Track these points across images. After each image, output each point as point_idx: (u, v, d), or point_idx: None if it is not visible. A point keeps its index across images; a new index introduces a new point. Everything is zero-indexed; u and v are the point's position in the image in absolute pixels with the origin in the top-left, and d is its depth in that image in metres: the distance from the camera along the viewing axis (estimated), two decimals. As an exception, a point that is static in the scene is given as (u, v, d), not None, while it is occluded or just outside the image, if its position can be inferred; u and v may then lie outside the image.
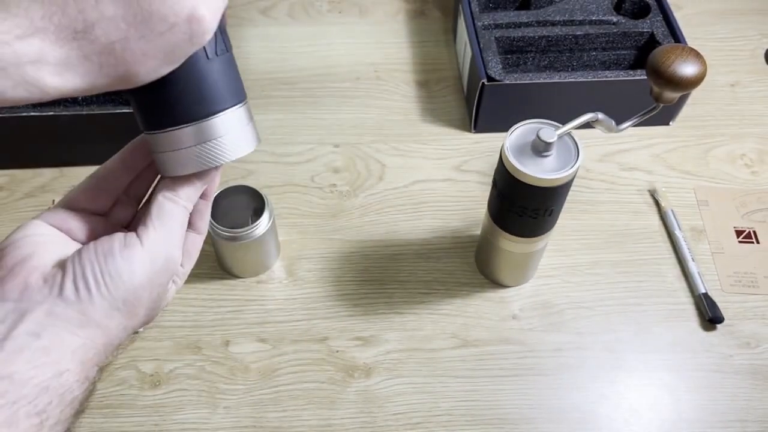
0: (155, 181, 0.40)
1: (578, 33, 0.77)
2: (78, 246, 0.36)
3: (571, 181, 0.53)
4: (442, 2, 0.92)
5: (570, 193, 0.55)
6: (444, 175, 0.74)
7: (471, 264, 0.67)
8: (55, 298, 0.32)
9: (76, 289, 0.32)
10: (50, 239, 0.36)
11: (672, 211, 0.70)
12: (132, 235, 0.35)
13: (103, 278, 0.33)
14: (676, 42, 0.76)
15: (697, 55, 0.50)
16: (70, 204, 0.38)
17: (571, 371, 0.60)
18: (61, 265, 0.33)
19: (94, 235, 0.37)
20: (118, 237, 0.35)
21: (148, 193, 0.41)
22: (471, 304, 0.64)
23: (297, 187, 0.73)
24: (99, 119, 0.68)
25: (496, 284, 0.66)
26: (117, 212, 0.40)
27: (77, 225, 0.37)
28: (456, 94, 0.82)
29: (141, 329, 0.43)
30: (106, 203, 0.39)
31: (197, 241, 0.40)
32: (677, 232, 0.68)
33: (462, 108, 0.80)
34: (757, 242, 0.68)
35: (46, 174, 0.73)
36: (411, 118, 0.79)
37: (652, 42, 0.78)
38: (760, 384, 0.59)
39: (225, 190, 0.62)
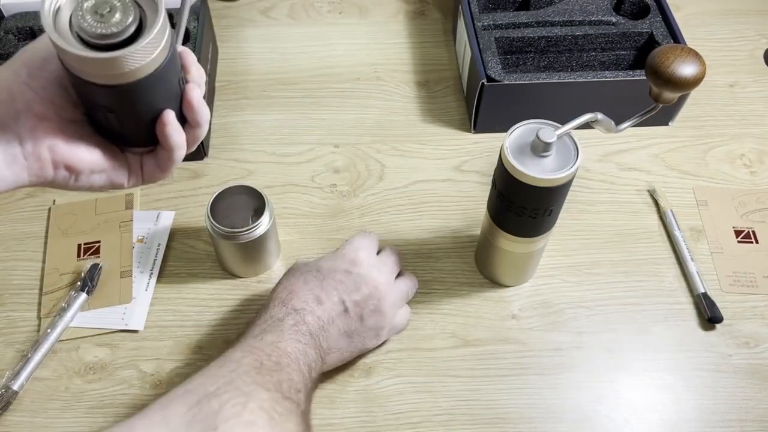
0: None
1: (578, 33, 0.78)
2: None
3: (571, 181, 0.53)
4: (441, 3, 0.93)
5: (569, 193, 0.55)
6: (444, 175, 0.74)
7: (470, 264, 0.67)
8: None
9: None
10: None
11: (671, 211, 0.70)
12: None
13: None
14: (675, 42, 0.76)
15: (696, 56, 0.50)
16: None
17: (570, 371, 0.60)
18: None
19: None
20: None
21: None
22: (471, 304, 0.64)
23: (297, 187, 0.73)
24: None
25: (496, 284, 0.66)
26: None
27: None
28: (456, 95, 0.82)
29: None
30: None
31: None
32: (676, 232, 0.68)
33: (462, 108, 0.81)
34: (756, 242, 0.69)
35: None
36: (411, 118, 0.80)
37: (651, 42, 0.78)
38: (758, 383, 0.60)
39: (225, 190, 0.62)
